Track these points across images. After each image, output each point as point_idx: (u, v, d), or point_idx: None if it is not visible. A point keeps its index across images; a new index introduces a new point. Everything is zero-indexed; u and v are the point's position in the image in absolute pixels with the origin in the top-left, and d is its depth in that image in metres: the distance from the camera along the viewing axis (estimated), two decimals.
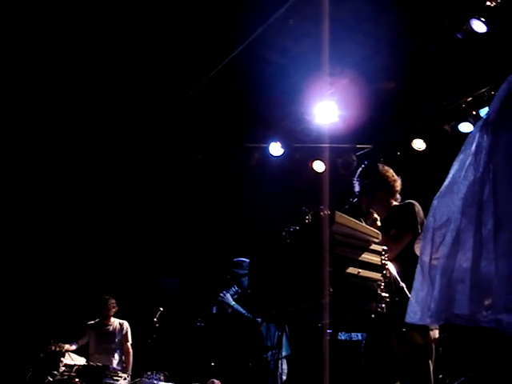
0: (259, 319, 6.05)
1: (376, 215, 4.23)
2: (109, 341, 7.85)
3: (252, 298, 3.62)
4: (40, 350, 6.96)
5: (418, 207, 4.29)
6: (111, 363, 7.58)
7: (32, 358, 6.95)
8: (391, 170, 4.65)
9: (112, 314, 8.02)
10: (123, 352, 7.92)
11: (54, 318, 8.31)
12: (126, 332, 7.97)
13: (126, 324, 8.01)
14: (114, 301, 8.06)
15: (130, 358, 7.90)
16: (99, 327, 7.97)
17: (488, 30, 6.08)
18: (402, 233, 4.19)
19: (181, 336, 7.99)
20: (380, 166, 4.66)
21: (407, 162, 7.46)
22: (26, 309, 8.41)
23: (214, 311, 6.27)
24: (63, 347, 7.03)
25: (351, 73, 7.32)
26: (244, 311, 6.25)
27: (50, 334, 7.37)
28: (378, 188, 4.50)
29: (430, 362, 3.89)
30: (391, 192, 4.57)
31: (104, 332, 7.90)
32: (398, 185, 4.61)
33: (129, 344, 7.95)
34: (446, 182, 2.35)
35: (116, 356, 7.86)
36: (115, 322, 8.01)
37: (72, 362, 6.91)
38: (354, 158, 8.09)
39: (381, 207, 4.46)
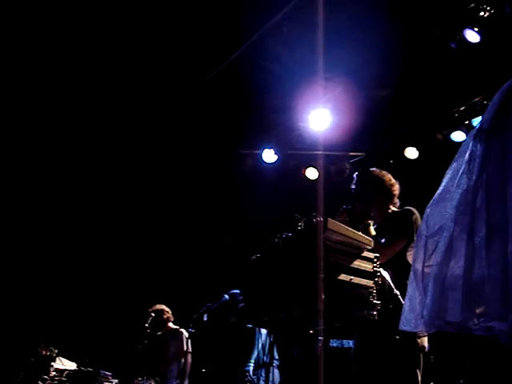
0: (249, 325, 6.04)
1: (370, 221, 4.19)
2: (164, 348, 7.45)
3: (244, 303, 3.61)
4: (30, 354, 6.91)
5: (416, 215, 4.22)
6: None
7: (22, 363, 6.90)
8: (389, 175, 4.59)
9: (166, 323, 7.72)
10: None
11: (45, 321, 8.28)
12: (181, 339, 7.35)
13: (182, 331, 7.45)
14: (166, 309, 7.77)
15: (186, 367, 7.03)
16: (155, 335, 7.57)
17: (481, 39, 6.12)
18: (394, 238, 4.15)
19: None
20: (377, 170, 4.62)
21: (400, 171, 7.48)
22: (17, 312, 8.38)
23: (205, 318, 6.25)
24: (54, 352, 6.97)
25: (345, 80, 7.35)
26: None
27: (41, 338, 7.32)
28: (375, 193, 4.46)
29: (418, 370, 3.88)
30: (388, 196, 4.51)
31: (159, 340, 7.53)
32: (396, 189, 4.56)
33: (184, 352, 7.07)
34: (439, 190, 2.37)
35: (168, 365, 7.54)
36: (169, 328, 7.63)
37: (63, 367, 6.87)
38: (348, 166, 8.12)
39: (377, 212, 4.41)
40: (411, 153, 7.82)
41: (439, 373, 4.00)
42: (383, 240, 4.12)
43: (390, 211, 4.50)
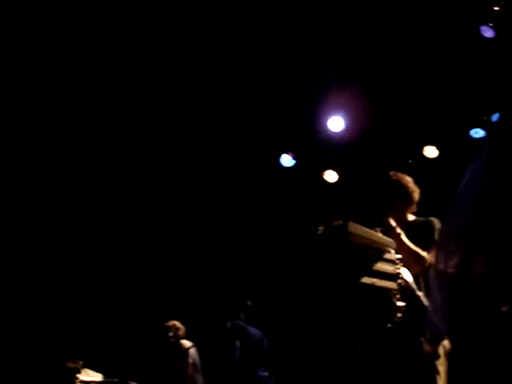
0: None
1: (399, 230, 4.04)
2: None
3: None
4: (55, 366, 6.93)
5: (438, 225, 4.14)
6: None
7: (48, 375, 6.91)
8: (410, 180, 4.51)
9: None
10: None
11: (68, 332, 8.31)
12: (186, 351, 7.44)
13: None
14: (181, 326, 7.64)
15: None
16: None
17: (496, 35, 6.08)
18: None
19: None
20: (398, 174, 4.52)
21: (419, 170, 7.42)
22: (42, 325, 8.42)
23: (228, 325, 6.25)
24: (79, 363, 6.97)
25: (362, 82, 7.35)
26: None
27: (64, 349, 7.34)
28: (398, 200, 4.36)
29: (437, 375, 3.83)
30: (410, 204, 4.41)
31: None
32: (417, 195, 4.47)
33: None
34: (460, 190, 2.33)
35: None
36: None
37: (89, 379, 6.87)
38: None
39: (398, 219, 4.31)
40: (430, 152, 7.74)
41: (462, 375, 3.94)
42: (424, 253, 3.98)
43: (409, 219, 4.37)
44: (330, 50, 7.23)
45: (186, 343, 7.42)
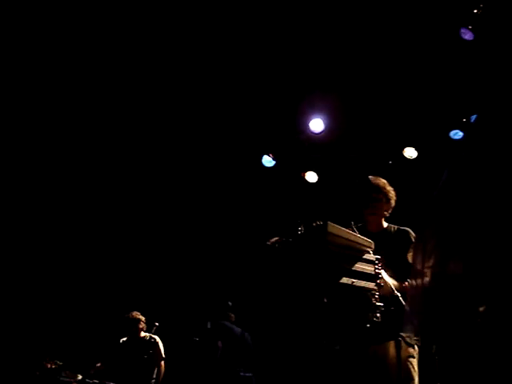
0: None
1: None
2: (142, 357, 7.38)
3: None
4: (35, 367, 6.88)
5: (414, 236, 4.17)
6: (145, 380, 7.32)
7: (28, 377, 6.87)
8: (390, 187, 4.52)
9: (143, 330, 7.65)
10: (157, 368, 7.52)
11: (49, 333, 8.26)
12: (158, 347, 7.50)
13: (157, 339, 7.51)
14: (143, 318, 7.69)
15: (161, 373, 7.43)
16: (131, 344, 7.54)
17: (475, 37, 6.14)
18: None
19: (177, 351, 7.94)
20: (385, 181, 4.50)
21: (399, 171, 7.47)
22: (22, 325, 8.37)
23: (209, 326, 6.26)
24: (59, 364, 6.94)
25: (343, 84, 7.38)
26: None
27: (43, 350, 7.29)
28: (384, 203, 4.36)
29: (413, 374, 3.87)
30: (390, 209, 4.45)
31: (136, 349, 7.46)
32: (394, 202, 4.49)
33: (162, 360, 7.48)
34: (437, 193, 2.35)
35: (149, 372, 7.55)
36: (146, 336, 7.53)
37: (68, 380, 6.85)
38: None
39: (376, 222, 4.33)
40: (410, 152, 7.79)
41: (444, 374, 3.98)
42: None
43: (384, 226, 4.36)
44: (311, 53, 7.25)
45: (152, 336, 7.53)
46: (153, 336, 7.48)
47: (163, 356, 7.43)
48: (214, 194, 8.98)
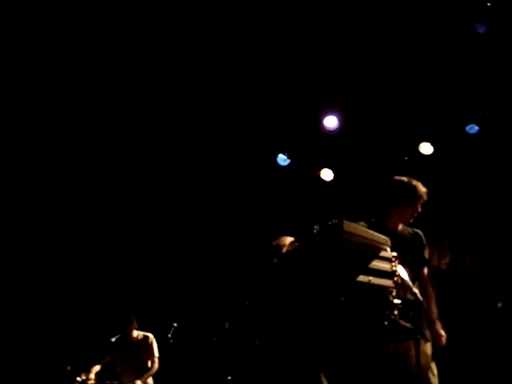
0: None
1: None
2: (135, 356, 7.48)
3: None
4: (55, 370, 6.94)
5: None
6: (139, 379, 7.36)
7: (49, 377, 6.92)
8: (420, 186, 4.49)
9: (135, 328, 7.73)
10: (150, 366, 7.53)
11: (68, 336, 8.33)
12: (151, 345, 7.56)
13: (151, 337, 7.60)
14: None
15: (153, 371, 7.46)
16: (124, 343, 7.59)
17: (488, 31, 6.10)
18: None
19: (196, 351, 7.95)
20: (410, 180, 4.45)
21: (415, 167, 7.43)
22: (39, 329, 8.44)
23: (227, 326, 6.25)
24: (76, 367, 6.98)
25: (357, 80, 7.36)
26: None
27: (64, 355, 7.34)
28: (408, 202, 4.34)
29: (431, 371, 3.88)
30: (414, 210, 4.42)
31: (130, 347, 7.53)
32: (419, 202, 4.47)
33: (155, 358, 7.50)
34: None
35: (143, 372, 7.57)
36: (139, 335, 7.62)
37: (87, 382, 6.89)
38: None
39: (397, 223, 4.32)
40: (426, 148, 7.74)
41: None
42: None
43: (399, 228, 4.33)
44: (325, 48, 7.24)
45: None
46: (146, 334, 7.58)
47: (155, 354, 7.45)
48: (231, 193, 8.98)
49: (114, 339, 7.62)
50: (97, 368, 7.30)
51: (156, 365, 7.44)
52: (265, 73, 7.45)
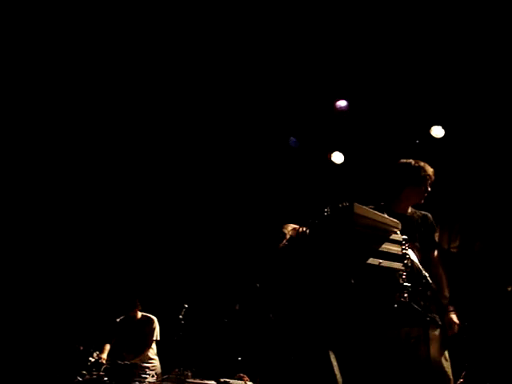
0: None
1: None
2: (137, 337, 7.61)
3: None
4: (70, 350, 7.03)
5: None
6: (142, 360, 7.46)
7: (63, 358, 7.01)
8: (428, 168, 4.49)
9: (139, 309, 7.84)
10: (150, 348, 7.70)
11: (79, 317, 8.43)
12: (154, 329, 7.70)
13: (155, 321, 7.71)
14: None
15: (146, 353, 7.59)
16: (128, 324, 7.75)
17: None
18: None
19: (207, 332, 8.01)
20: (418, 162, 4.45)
21: (426, 150, 7.41)
22: (53, 312, 8.55)
23: (237, 307, 6.29)
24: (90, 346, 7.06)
25: (368, 64, 7.34)
26: None
27: (76, 336, 7.44)
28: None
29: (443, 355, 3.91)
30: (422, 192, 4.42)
31: (133, 328, 7.68)
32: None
33: (153, 340, 7.65)
34: None
35: (146, 352, 7.69)
36: (143, 317, 7.74)
37: (100, 361, 6.96)
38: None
39: (407, 205, 4.36)
40: (437, 131, 7.70)
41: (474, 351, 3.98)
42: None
43: (410, 209, 4.36)
44: (336, 32, 7.21)
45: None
46: (150, 317, 7.71)
47: (154, 338, 7.60)
48: (243, 177, 8.99)
49: (118, 320, 7.80)
50: (108, 347, 7.45)
51: (150, 347, 7.60)
52: (275, 57, 7.43)
